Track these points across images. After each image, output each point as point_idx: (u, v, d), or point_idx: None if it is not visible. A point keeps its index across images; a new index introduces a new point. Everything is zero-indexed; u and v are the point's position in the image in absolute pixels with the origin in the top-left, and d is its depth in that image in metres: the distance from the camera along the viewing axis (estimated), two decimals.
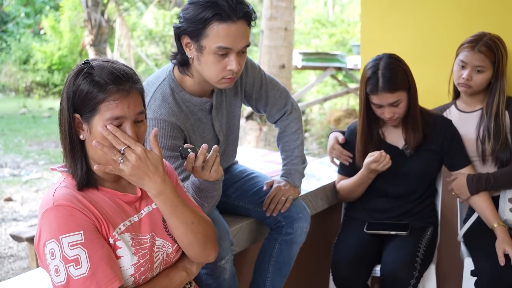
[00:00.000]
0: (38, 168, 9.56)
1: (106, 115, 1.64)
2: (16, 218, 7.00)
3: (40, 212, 1.63)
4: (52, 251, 1.57)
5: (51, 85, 18.68)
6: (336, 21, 19.24)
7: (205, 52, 2.13)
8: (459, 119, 2.94)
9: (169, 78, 2.28)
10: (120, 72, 1.66)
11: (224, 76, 2.17)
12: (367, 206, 2.98)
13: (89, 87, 1.63)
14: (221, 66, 2.15)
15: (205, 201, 2.09)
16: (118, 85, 1.64)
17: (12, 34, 19.85)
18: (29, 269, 4.86)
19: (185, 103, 2.29)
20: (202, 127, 2.35)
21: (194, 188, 2.07)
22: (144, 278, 1.71)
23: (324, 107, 14.27)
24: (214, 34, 2.09)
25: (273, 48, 8.93)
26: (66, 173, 1.73)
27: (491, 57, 2.77)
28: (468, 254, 2.80)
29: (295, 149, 2.64)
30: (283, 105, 2.62)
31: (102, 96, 1.63)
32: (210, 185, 2.02)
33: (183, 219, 1.75)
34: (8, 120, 14.07)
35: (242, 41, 2.14)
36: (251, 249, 2.75)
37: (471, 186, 2.77)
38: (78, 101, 1.64)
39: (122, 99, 1.65)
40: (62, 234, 1.57)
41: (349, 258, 2.72)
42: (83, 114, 1.65)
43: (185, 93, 2.29)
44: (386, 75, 2.67)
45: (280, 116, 2.65)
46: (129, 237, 1.70)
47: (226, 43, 2.10)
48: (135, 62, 18.38)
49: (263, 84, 2.54)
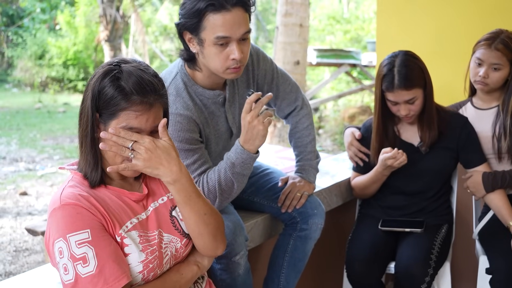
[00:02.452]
0: (53, 162, 9.62)
1: (122, 123, 1.64)
2: (31, 212, 7.05)
3: (49, 211, 1.65)
4: (60, 250, 1.58)
5: (66, 80, 18.75)
6: (351, 17, 19.16)
7: (206, 45, 2.15)
8: (475, 116, 2.93)
9: (181, 73, 2.30)
10: (147, 83, 1.66)
11: (229, 66, 2.18)
12: (381, 203, 2.97)
13: (114, 92, 1.63)
14: (224, 56, 2.16)
15: (236, 179, 2.16)
16: (142, 97, 1.64)
17: (28, 29, 19.94)
18: (43, 263, 4.90)
19: (199, 97, 2.31)
20: (215, 120, 2.37)
21: (229, 163, 2.15)
22: (154, 274, 1.72)
23: (338, 104, 14.22)
24: (211, 25, 2.11)
25: (288, 45, 8.91)
26: (74, 171, 1.74)
27: (508, 55, 2.75)
28: (483, 252, 2.79)
29: (308, 144, 2.65)
30: (294, 99, 2.62)
31: (125, 104, 1.63)
32: (246, 159, 2.12)
33: (196, 209, 1.75)
34: (24, 115, 14.14)
35: (240, 28, 2.14)
36: (266, 245, 2.75)
37: (487, 184, 2.76)
38: (101, 102, 1.65)
39: (143, 111, 1.65)
40: (70, 232, 1.58)
41: (363, 255, 2.72)
42: (102, 115, 1.66)
43: (197, 86, 2.30)
44: (402, 72, 2.66)
45: (290, 111, 2.65)
46: (136, 234, 1.70)
47: (223, 32, 2.11)
48: (150, 58, 18.42)
49: (274, 78, 2.55)
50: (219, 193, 2.20)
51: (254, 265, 2.65)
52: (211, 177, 2.20)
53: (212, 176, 2.20)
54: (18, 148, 10.69)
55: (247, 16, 2.18)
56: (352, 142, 3.01)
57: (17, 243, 6.07)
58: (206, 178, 2.21)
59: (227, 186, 2.19)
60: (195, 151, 2.22)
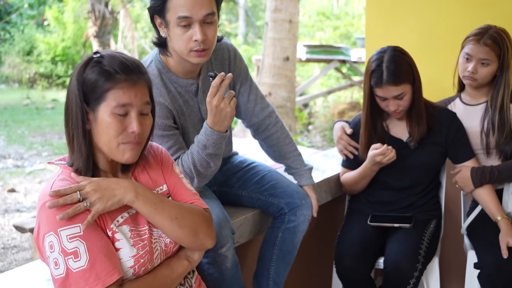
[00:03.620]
0: (41, 159, 9.58)
1: (112, 103, 1.64)
2: (19, 209, 7.02)
3: (38, 205, 1.63)
4: (51, 244, 1.57)
5: (55, 76, 18.67)
6: (340, 14, 19.18)
7: (171, 27, 2.19)
8: (464, 112, 2.94)
9: (156, 60, 2.33)
10: (130, 63, 1.68)
11: (192, 48, 2.19)
12: (371, 199, 2.98)
13: (97, 76, 1.64)
14: (187, 38, 2.18)
15: (211, 159, 2.20)
16: (127, 75, 1.65)
17: (16, 25, 19.83)
18: (32, 260, 4.88)
19: (173, 84, 2.34)
20: (189, 109, 2.38)
21: (201, 146, 2.18)
22: (144, 269, 1.71)
23: (328, 100, 14.24)
24: (173, 5, 2.15)
25: (278, 40, 8.92)
26: (64, 166, 1.73)
27: (496, 50, 2.76)
28: (471, 247, 2.81)
29: (292, 154, 2.68)
30: (267, 105, 2.61)
31: (110, 84, 1.63)
32: (216, 139, 2.14)
33: (166, 215, 1.73)
34: (12, 111, 14.07)
35: (202, 9, 2.15)
36: (255, 240, 2.75)
37: (475, 179, 2.77)
38: (86, 90, 1.64)
39: (130, 87, 1.65)
40: (61, 226, 1.57)
41: (352, 250, 2.72)
42: (90, 103, 1.65)
43: (171, 74, 2.33)
44: (391, 67, 2.67)
45: (264, 116, 2.59)
46: (127, 229, 1.70)
47: (184, 12, 2.14)
48: (139, 54, 18.35)
49: (248, 79, 2.56)
50: (196, 174, 2.23)
51: (244, 261, 2.65)
52: (185, 159, 2.23)
53: (186, 159, 2.23)
54: (6, 144, 10.64)
55: (213, 0, 2.20)
56: (341, 136, 3.01)
57: (5, 240, 6.04)
58: (180, 161, 2.24)
59: (202, 167, 2.22)
60: (170, 137, 2.26)
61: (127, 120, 1.67)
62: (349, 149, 2.98)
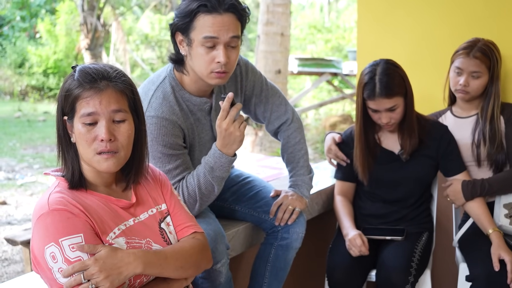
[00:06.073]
0: (32, 171, 9.54)
1: (80, 113, 1.65)
2: (10, 221, 6.98)
3: (35, 217, 1.63)
4: (53, 255, 1.57)
5: (46, 89, 18.65)
6: (332, 27, 19.29)
7: (194, 45, 2.18)
8: (454, 124, 2.95)
9: (170, 77, 2.32)
10: (95, 72, 1.68)
11: (213, 69, 2.19)
12: (362, 211, 2.98)
13: (69, 88, 1.66)
14: (209, 59, 2.18)
15: (216, 182, 2.20)
16: (92, 84, 1.66)
17: (8, 37, 19.81)
18: (23, 273, 4.84)
19: (185, 102, 2.32)
20: (200, 128, 2.37)
21: (208, 168, 2.18)
22: (140, 281, 1.71)
23: (319, 113, 14.29)
24: (201, 25, 2.14)
25: (269, 53, 8.95)
26: (60, 177, 1.73)
27: (486, 62, 2.78)
28: (463, 260, 2.81)
29: (300, 159, 2.64)
30: (283, 112, 2.61)
31: (78, 94, 1.65)
32: (224, 162, 2.16)
33: (171, 270, 1.75)
34: (3, 124, 14.02)
35: (229, 31, 2.16)
36: (247, 254, 2.75)
37: (466, 192, 2.78)
38: (64, 104, 1.68)
39: (94, 96, 1.65)
40: (62, 237, 1.57)
41: (344, 263, 2.72)
42: (68, 116, 1.68)
43: (185, 92, 2.32)
44: (383, 80, 2.68)
45: (280, 124, 2.63)
46: (123, 241, 1.70)
47: (211, 32, 2.14)
48: (131, 67, 18.38)
49: (263, 89, 2.56)
50: (199, 197, 2.22)
51: (236, 274, 2.64)
52: (190, 181, 2.22)
53: (191, 181, 2.22)
54: None
55: (239, 24, 2.21)
56: (330, 146, 3.02)
57: None
58: (185, 183, 2.23)
59: (207, 190, 2.22)
60: (178, 157, 2.24)
61: (97, 129, 1.67)
62: (337, 159, 2.99)
